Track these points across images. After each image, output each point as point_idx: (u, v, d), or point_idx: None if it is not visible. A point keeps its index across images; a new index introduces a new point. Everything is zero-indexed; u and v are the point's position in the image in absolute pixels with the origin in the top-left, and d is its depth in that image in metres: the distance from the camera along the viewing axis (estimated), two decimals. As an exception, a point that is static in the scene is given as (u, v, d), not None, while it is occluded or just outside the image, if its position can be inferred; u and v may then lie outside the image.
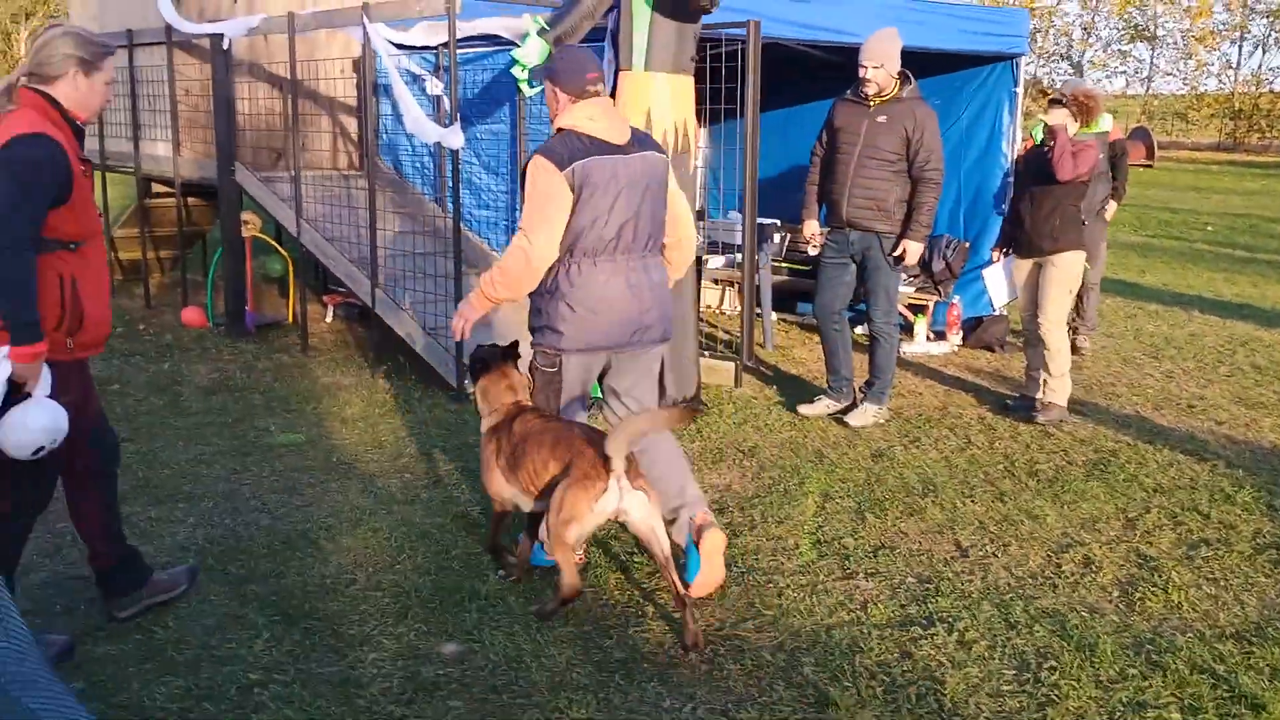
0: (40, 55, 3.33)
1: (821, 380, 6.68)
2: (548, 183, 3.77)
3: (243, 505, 4.85)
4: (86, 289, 3.37)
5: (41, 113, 3.29)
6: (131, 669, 3.47)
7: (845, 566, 4.30)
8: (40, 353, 3.19)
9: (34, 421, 3.21)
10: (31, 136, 3.19)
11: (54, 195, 3.22)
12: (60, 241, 3.28)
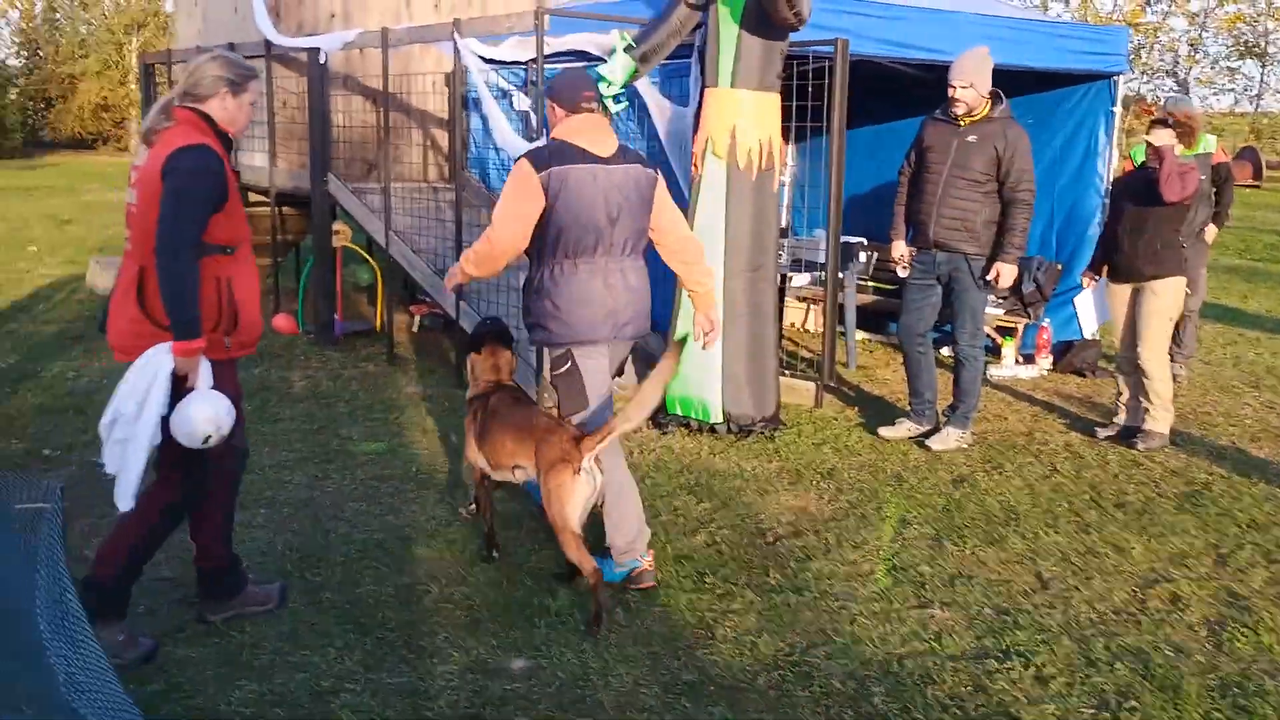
0: (194, 77, 3.60)
1: (904, 402, 6.57)
2: (522, 181, 4.06)
3: (322, 513, 4.92)
4: (241, 291, 3.59)
5: (196, 127, 3.54)
6: (209, 672, 3.54)
7: (920, 595, 4.22)
8: (199, 348, 3.40)
9: (200, 412, 3.43)
10: (192, 147, 3.44)
11: (213, 202, 3.45)
12: (217, 246, 3.51)
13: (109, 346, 3.61)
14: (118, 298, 3.58)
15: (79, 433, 5.97)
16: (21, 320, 8.94)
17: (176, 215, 3.36)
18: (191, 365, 3.42)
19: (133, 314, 3.50)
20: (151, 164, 3.46)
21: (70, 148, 35.09)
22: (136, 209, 3.51)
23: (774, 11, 5.56)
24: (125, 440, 3.43)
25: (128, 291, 3.53)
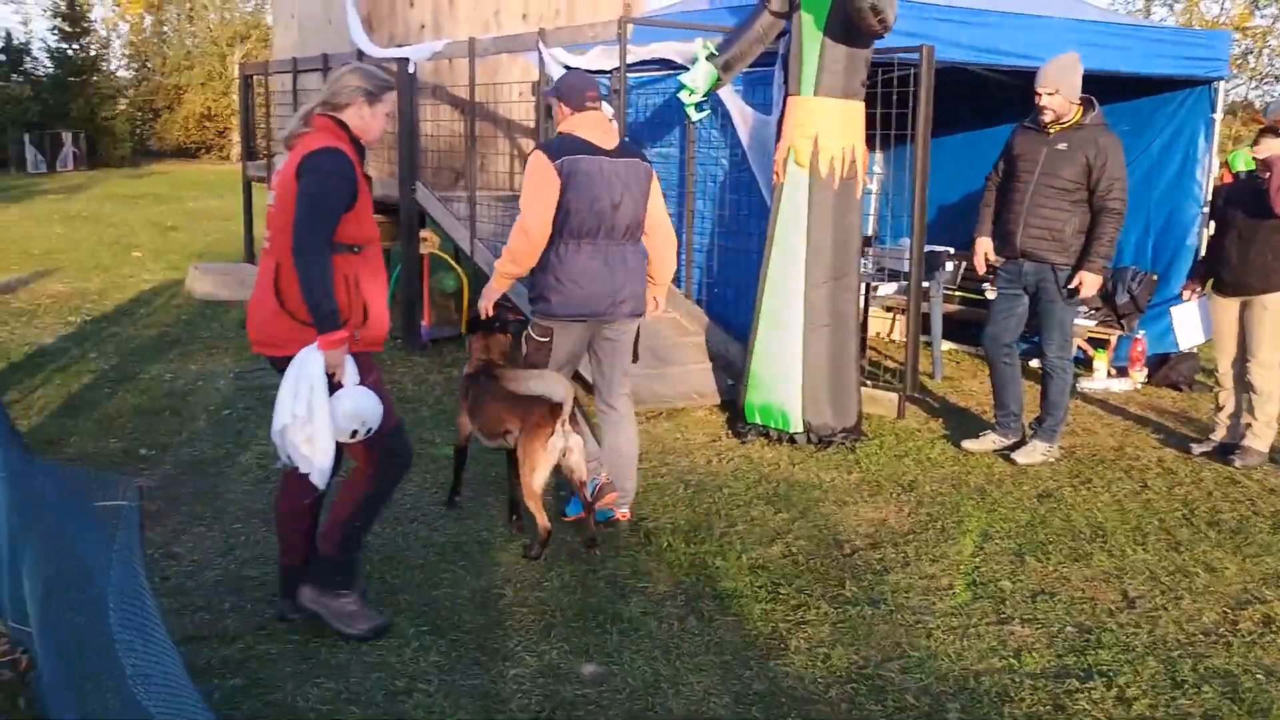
0: (334, 87, 3.76)
1: (990, 414, 6.46)
2: (541, 171, 4.51)
3: (402, 515, 5.00)
4: (368, 289, 3.73)
5: (332, 133, 3.69)
6: (288, 669, 3.62)
7: (1000, 611, 4.14)
8: (343, 339, 3.56)
9: (348, 407, 3.59)
10: (326, 150, 3.60)
11: (344, 202, 3.59)
12: (346, 245, 3.65)
13: (249, 339, 3.82)
14: (257, 294, 3.75)
15: (174, 433, 6.15)
16: (124, 324, 9.24)
17: (310, 214, 3.53)
18: (338, 359, 3.58)
19: (271, 307, 3.67)
20: (289, 166, 3.64)
21: (175, 157, 36.20)
22: (275, 209, 3.68)
23: (859, 19, 5.52)
24: (309, 440, 3.59)
25: (266, 286, 3.70)
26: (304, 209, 3.54)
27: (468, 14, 9.60)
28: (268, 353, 3.76)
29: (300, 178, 3.57)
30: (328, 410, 3.57)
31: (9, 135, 28.80)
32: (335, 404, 3.58)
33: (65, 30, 33.28)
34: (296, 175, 3.58)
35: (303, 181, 3.56)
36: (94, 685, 2.32)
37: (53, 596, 2.59)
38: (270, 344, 3.72)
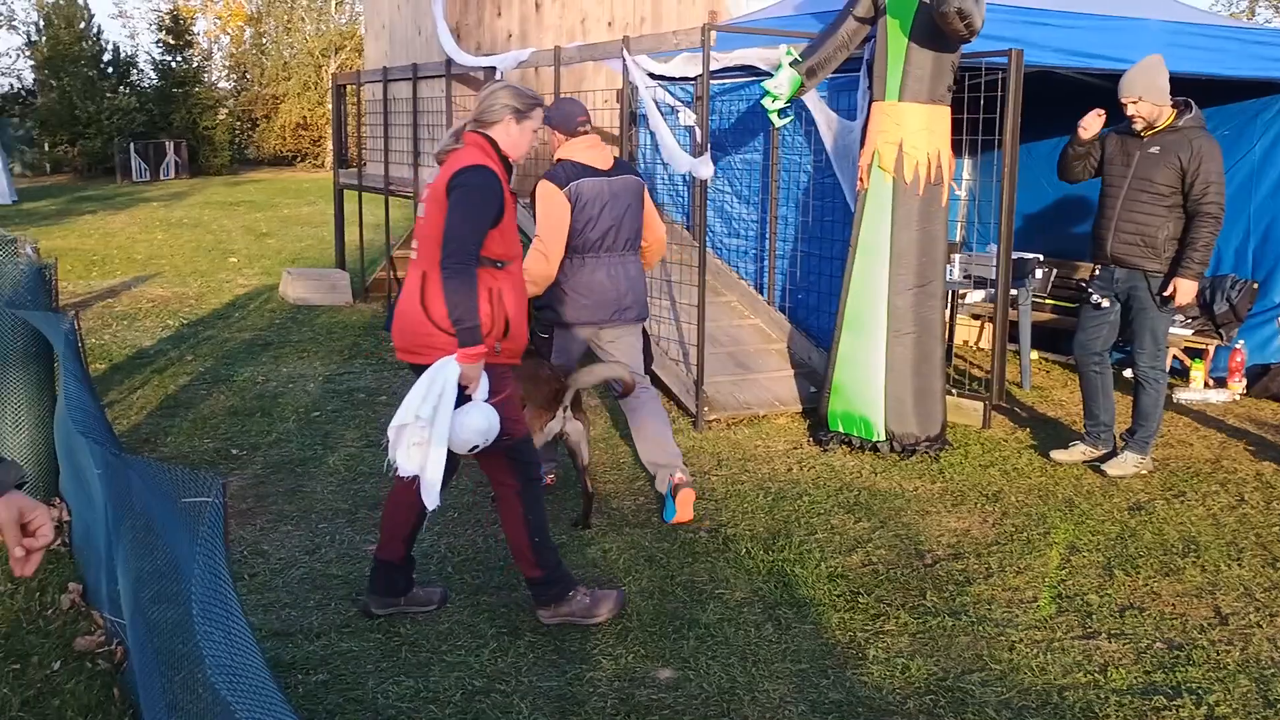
0: (484, 104, 3.87)
1: (1079, 425, 6.33)
2: (552, 200, 4.93)
3: (484, 517, 5.06)
4: (510, 303, 3.82)
5: (482, 150, 3.81)
6: (369, 666, 3.68)
7: (1086, 625, 4.05)
8: (482, 354, 3.67)
9: (473, 422, 3.68)
10: (476, 168, 3.72)
11: (491, 218, 3.70)
12: (492, 260, 3.76)
13: (393, 345, 3.94)
14: (403, 300, 3.88)
15: (264, 433, 6.30)
16: (219, 327, 9.50)
17: (459, 229, 3.65)
18: (475, 373, 3.68)
19: (416, 315, 3.79)
20: (440, 181, 3.77)
21: (272, 165, 37.09)
22: (424, 221, 3.81)
23: (945, 24, 5.45)
24: (423, 444, 3.66)
25: (412, 295, 3.83)
26: (453, 224, 3.66)
27: (554, 22, 9.70)
28: (410, 359, 3.87)
29: (450, 193, 3.69)
30: (449, 422, 3.64)
31: (116, 145, 29.77)
32: (462, 416, 3.66)
33: (169, 43, 34.34)
34: (446, 190, 3.70)
35: (453, 197, 3.68)
36: (178, 676, 2.40)
37: (141, 589, 2.67)
38: (413, 350, 3.83)
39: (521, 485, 3.92)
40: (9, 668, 3.59)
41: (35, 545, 1.87)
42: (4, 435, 4.84)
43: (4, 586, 4.16)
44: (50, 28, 32.35)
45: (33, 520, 1.87)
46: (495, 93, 3.88)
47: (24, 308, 4.74)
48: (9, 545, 1.86)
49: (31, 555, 1.87)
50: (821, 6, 7.05)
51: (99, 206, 21.00)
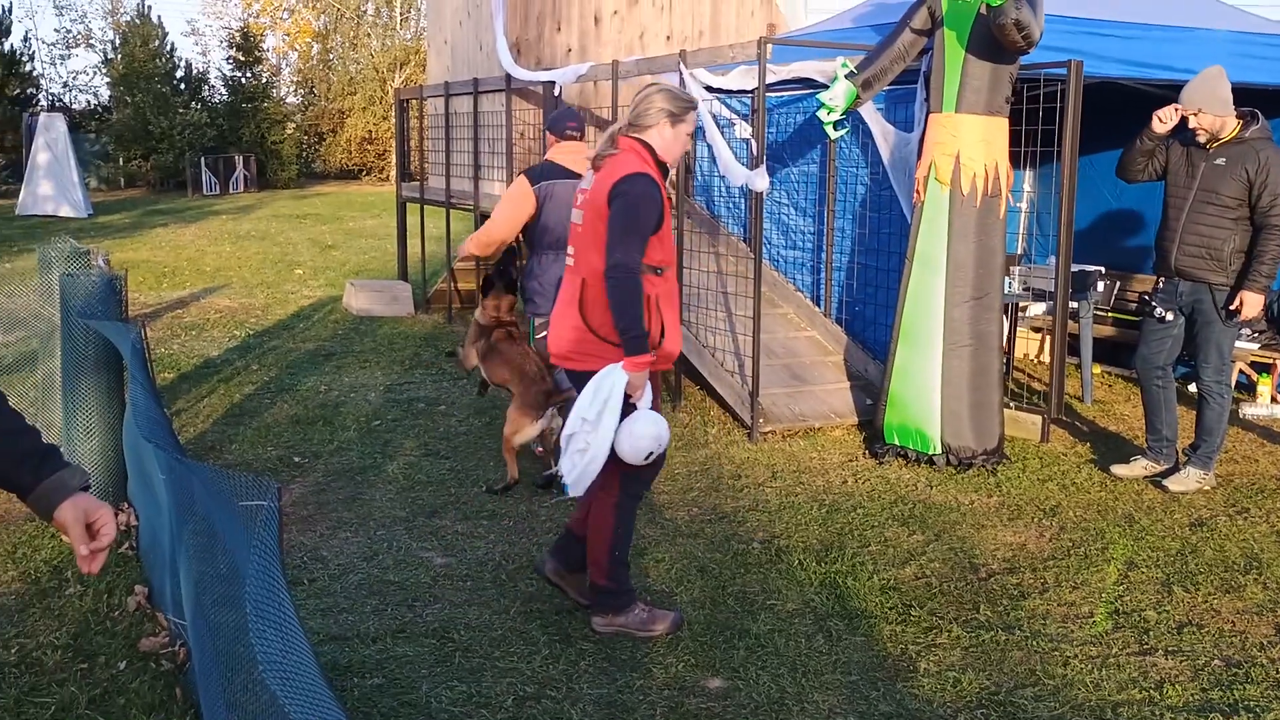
0: (639, 108, 3.86)
1: (1141, 439, 6.24)
2: (519, 191, 5.62)
3: (539, 526, 5.11)
4: (667, 310, 3.86)
5: (639, 155, 3.81)
6: (424, 671, 3.74)
7: (1143, 641, 4.00)
8: (649, 362, 3.71)
9: (645, 429, 3.73)
10: (637, 176, 3.73)
11: (652, 225, 3.73)
12: (651, 267, 3.78)
13: (549, 353, 3.98)
14: (560, 308, 3.92)
15: (326, 442, 6.42)
16: (283, 337, 9.68)
17: (623, 237, 3.66)
18: (641, 381, 3.72)
19: (574, 323, 3.83)
20: (599, 188, 3.78)
21: (338, 178, 37.67)
22: (582, 228, 3.84)
23: (1003, 36, 5.43)
24: (584, 450, 3.72)
25: (570, 302, 3.86)
26: (617, 232, 3.67)
27: (613, 37, 9.78)
28: (567, 366, 3.92)
29: (613, 201, 3.70)
30: (613, 428, 3.67)
31: (187, 159, 30.43)
32: (634, 424, 3.69)
33: (240, 60, 35.05)
34: (609, 198, 3.71)
35: (614, 207, 3.69)
36: (237, 678, 2.47)
37: (202, 592, 2.75)
38: (570, 358, 3.88)
39: (621, 498, 3.92)
40: (77, 667, 3.70)
41: (98, 545, 1.94)
42: (75, 442, 4.99)
43: (74, 589, 4.29)
44: (126, 46, 33.17)
45: (97, 520, 1.94)
46: (649, 96, 3.85)
47: (95, 318, 4.88)
48: (74, 545, 1.94)
49: (96, 554, 1.94)
50: (879, 19, 7.05)
51: (170, 219, 21.49)
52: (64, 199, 21.60)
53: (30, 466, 1.95)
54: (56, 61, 44.03)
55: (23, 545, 4.72)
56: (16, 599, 4.22)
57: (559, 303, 3.95)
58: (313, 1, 39.67)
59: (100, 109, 35.50)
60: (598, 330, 3.76)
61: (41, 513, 1.96)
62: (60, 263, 5.28)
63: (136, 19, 34.13)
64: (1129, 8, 6.74)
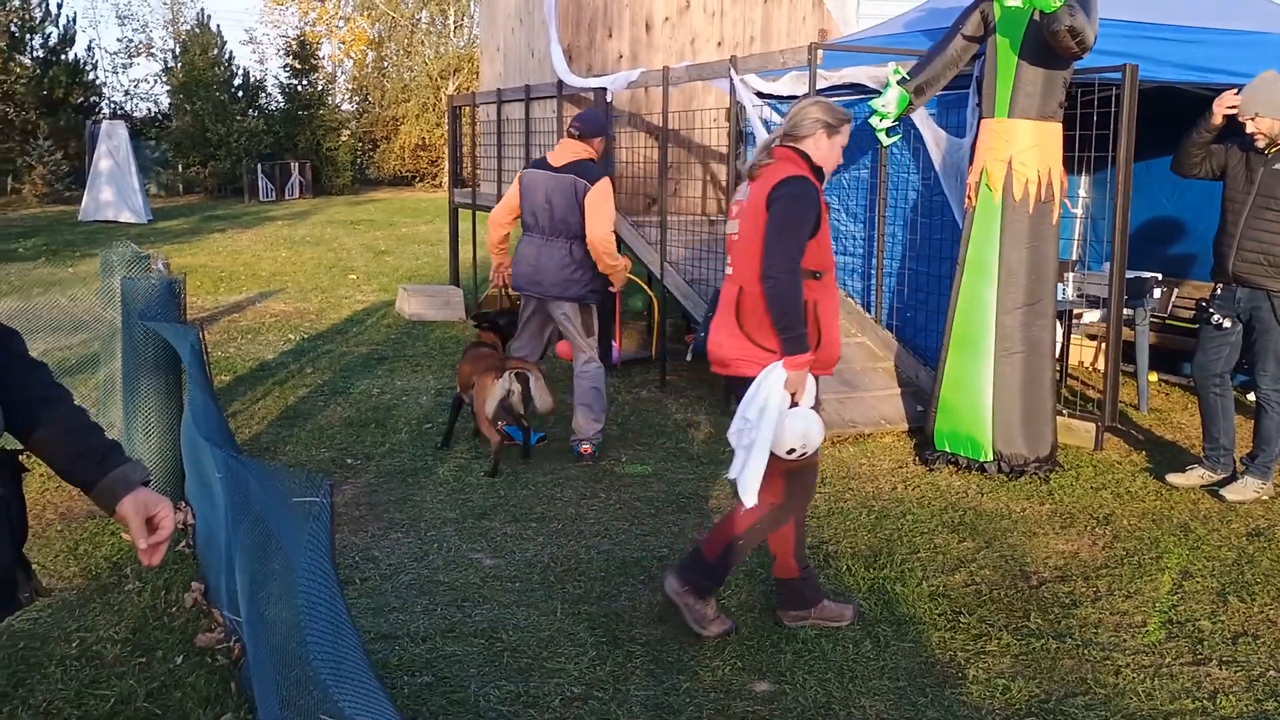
0: (795, 119, 3.91)
1: (1198, 448, 6.15)
2: (515, 181, 6.33)
3: (587, 529, 5.14)
4: (825, 314, 3.86)
5: (795, 163, 3.85)
6: (472, 670, 3.78)
7: (1197, 651, 3.95)
8: (808, 361, 3.73)
9: (796, 425, 3.74)
10: (795, 178, 3.77)
11: (810, 229, 3.75)
12: (810, 271, 3.79)
13: (708, 360, 3.99)
14: (718, 316, 3.94)
15: (378, 444, 6.50)
16: (337, 341, 9.80)
17: (781, 240, 3.68)
18: (800, 380, 3.73)
19: (733, 330, 3.85)
20: (756, 196, 3.80)
21: (391, 185, 38.05)
22: (739, 237, 3.87)
23: (1057, 41, 5.39)
24: (748, 446, 3.75)
25: (727, 311, 3.88)
26: (774, 235, 3.68)
27: (664, 43, 9.81)
28: (724, 372, 3.94)
29: (770, 206, 3.72)
30: (774, 426, 3.69)
31: (244, 166, 30.90)
32: (787, 418, 3.72)
33: (296, 67, 35.51)
34: (767, 204, 3.73)
35: (773, 209, 3.71)
36: (291, 673, 2.51)
37: (257, 588, 2.80)
38: (727, 364, 3.89)
39: (783, 503, 3.91)
40: (136, 661, 3.78)
41: (158, 539, 2.00)
42: (134, 441, 5.09)
43: (132, 584, 4.38)
44: (186, 54, 33.75)
45: (156, 514, 2.00)
46: (805, 108, 3.89)
47: (155, 320, 4.99)
48: (135, 538, 1.99)
49: (156, 547, 1.99)
50: (931, 25, 7.02)
51: (227, 225, 21.83)
52: (125, 205, 22.01)
53: (94, 462, 2.01)
54: (119, 70, 44.97)
55: (84, 542, 4.83)
56: (78, 594, 4.32)
57: (718, 311, 3.95)
58: (368, 10, 40.14)
59: (160, 116, 36.16)
60: (754, 337, 3.77)
61: (105, 506, 2.02)
62: (121, 267, 5.41)
63: (196, 28, 34.73)
64: (1185, 11, 6.66)
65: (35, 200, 27.08)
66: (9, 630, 3.95)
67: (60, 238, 18.59)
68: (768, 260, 3.67)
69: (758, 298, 3.74)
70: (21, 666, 3.72)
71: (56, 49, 31.45)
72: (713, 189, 9.68)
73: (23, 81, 29.50)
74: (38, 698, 3.53)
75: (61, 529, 4.99)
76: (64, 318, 8.80)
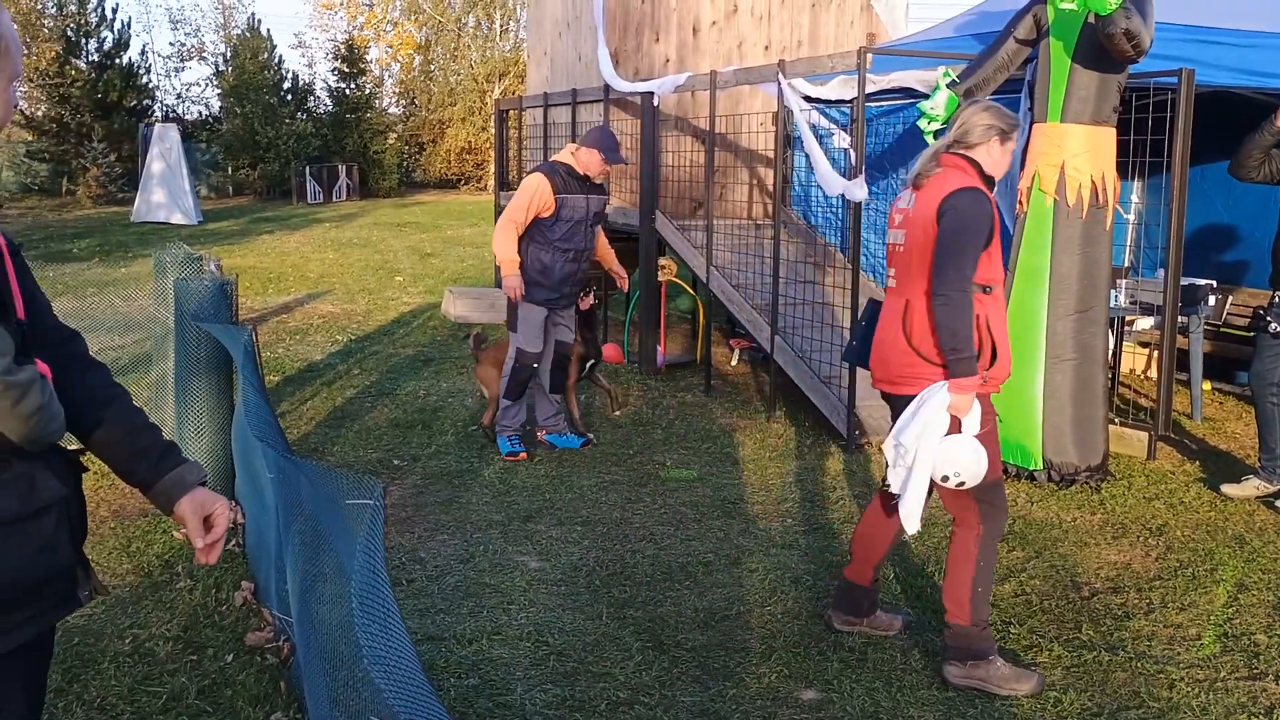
0: (965, 125, 3.74)
1: (1254, 459, 6.05)
2: None
3: (632, 534, 5.14)
4: (997, 329, 3.71)
5: (965, 172, 3.70)
6: (519, 674, 3.79)
7: (1253, 665, 3.88)
8: (975, 385, 3.56)
9: (958, 454, 3.57)
10: (968, 190, 3.61)
11: (984, 242, 3.61)
12: (980, 285, 3.65)
13: (872, 376, 3.88)
14: (882, 330, 3.82)
15: (424, 445, 6.54)
16: (384, 343, 9.87)
17: (953, 255, 3.53)
18: (967, 405, 3.58)
19: (898, 345, 3.70)
20: (924, 206, 3.66)
21: (437, 187, 38.31)
22: (904, 248, 3.73)
23: (1112, 45, 5.32)
24: (909, 468, 3.62)
25: (893, 323, 3.75)
26: (946, 251, 3.54)
27: (711, 47, 9.79)
28: (888, 389, 3.80)
29: (942, 218, 3.58)
30: (933, 450, 3.56)
31: (293, 168, 31.23)
32: (949, 445, 3.57)
33: (344, 71, 35.84)
34: (938, 215, 3.59)
35: (944, 223, 3.57)
36: (340, 673, 2.53)
37: (307, 589, 2.82)
38: (892, 380, 3.76)
39: (984, 529, 3.71)
40: (187, 658, 3.82)
41: (214, 537, 2.01)
42: (186, 440, 5.15)
43: (184, 582, 4.43)
44: (237, 58, 34.17)
45: (213, 514, 2.02)
46: (977, 114, 3.74)
47: (207, 321, 5.04)
48: (192, 537, 2.01)
49: (212, 546, 2.01)
50: (982, 28, 6.96)
51: (276, 227, 22.07)
52: (176, 206, 22.32)
53: (151, 462, 2.03)
54: (171, 74, 45.61)
55: (137, 540, 4.89)
56: (130, 591, 4.37)
57: (882, 325, 3.82)
58: (415, 14, 40.44)
59: (211, 119, 36.60)
60: (921, 351, 3.63)
61: (162, 506, 2.04)
62: (174, 268, 5.47)
63: (247, 33, 35.13)
64: (1242, 15, 6.54)
65: (89, 202, 27.52)
66: (64, 627, 4.01)
67: (113, 239, 18.87)
68: (939, 278, 3.54)
69: (925, 313, 3.62)
70: (76, 663, 3.77)
71: (111, 53, 31.94)
72: (759, 193, 9.64)
73: (78, 85, 30.00)
74: (91, 693, 3.58)
75: (115, 526, 5.06)
76: (117, 317, 8.94)
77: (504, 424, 6.36)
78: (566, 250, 6.24)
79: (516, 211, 6.16)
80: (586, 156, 6.21)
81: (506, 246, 6.16)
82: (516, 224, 6.16)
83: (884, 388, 3.82)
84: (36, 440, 1.75)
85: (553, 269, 6.21)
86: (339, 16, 41.51)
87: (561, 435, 6.53)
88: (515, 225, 6.16)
